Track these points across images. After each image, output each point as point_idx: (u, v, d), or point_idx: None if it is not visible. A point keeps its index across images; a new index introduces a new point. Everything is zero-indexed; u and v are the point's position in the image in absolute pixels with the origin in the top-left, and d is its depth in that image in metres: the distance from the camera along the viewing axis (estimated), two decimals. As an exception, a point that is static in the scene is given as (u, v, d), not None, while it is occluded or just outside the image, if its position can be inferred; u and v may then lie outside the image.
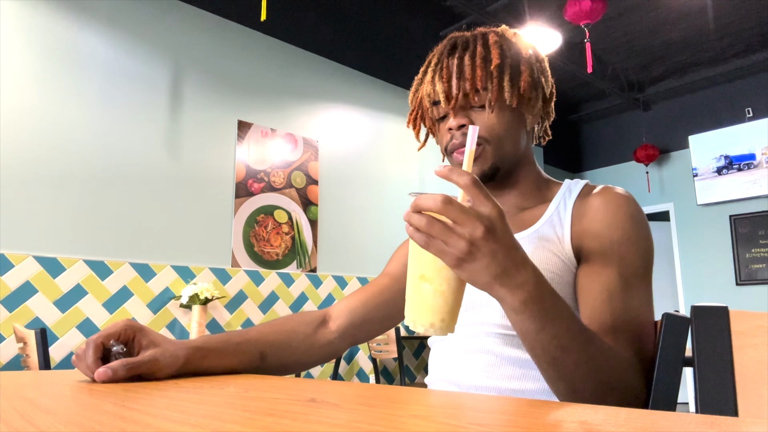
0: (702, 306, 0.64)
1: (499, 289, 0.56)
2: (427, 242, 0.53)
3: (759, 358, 0.60)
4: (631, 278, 0.72)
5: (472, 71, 0.80)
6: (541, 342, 0.59)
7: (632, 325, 0.69)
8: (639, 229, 0.75)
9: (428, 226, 0.53)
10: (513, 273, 0.56)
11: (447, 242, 0.53)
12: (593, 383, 0.61)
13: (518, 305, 0.57)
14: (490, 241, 0.53)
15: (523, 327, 0.59)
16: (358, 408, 0.41)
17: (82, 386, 0.58)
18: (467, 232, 0.52)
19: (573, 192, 0.83)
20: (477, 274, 0.54)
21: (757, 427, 0.30)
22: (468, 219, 0.52)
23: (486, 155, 0.81)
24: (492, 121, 0.80)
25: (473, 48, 0.82)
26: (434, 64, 0.84)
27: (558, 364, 0.60)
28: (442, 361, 0.82)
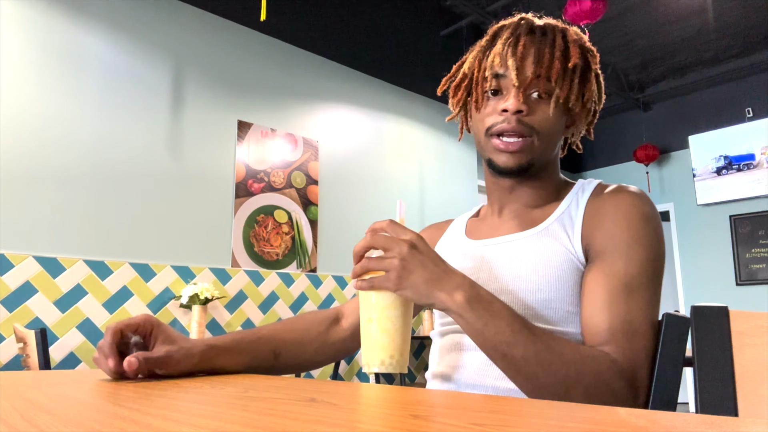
0: (702, 306, 0.64)
1: (439, 295, 0.64)
2: (371, 283, 0.65)
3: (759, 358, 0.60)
4: (636, 280, 0.70)
5: (551, 60, 0.77)
6: (488, 339, 0.64)
7: (629, 328, 0.68)
8: (650, 230, 0.73)
9: (367, 263, 0.65)
10: (446, 278, 0.65)
11: (384, 267, 0.64)
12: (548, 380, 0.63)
13: (461, 305, 0.64)
14: (417, 254, 0.64)
15: (471, 328, 0.65)
16: (358, 408, 0.41)
17: (82, 386, 0.58)
18: (396, 252, 0.64)
19: (586, 191, 0.82)
20: (416, 285, 0.64)
21: (757, 427, 0.30)
22: (393, 242, 0.65)
23: (532, 148, 0.79)
24: (550, 117, 0.78)
25: (552, 37, 0.80)
26: (506, 38, 0.80)
27: (508, 360, 0.64)
28: (440, 359, 0.82)
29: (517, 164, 0.79)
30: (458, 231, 0.94)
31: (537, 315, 0.74)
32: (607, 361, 0.66)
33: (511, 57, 0.78)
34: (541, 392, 0.64)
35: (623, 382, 0.65)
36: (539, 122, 0.78)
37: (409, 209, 4.46)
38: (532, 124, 0.78)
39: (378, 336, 0.65)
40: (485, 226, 0.90)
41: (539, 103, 0.78)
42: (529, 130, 0.78)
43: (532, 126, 0.78)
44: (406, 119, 4.58)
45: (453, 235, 0.95)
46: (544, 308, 0.74)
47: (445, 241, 0.95)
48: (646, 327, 0.69)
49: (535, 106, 0.78)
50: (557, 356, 0.64)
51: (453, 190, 4.77)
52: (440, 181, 4.70)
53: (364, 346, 0.67)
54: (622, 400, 0.65)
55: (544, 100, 0.78)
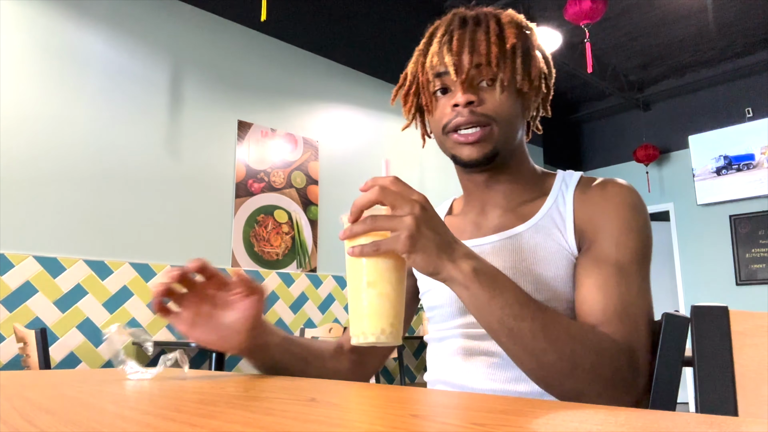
0: (702, 306, 0.64)
1: (447, 264, 0.59)
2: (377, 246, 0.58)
3: (759, 358, 0.60)
4: (628, 266, 0.71)
5: (487, 47, 0.77)
6: (494, 313, 0.61)
7: (625, 311, 0.68)
8: (639, 219, 0.74)
9: (373, 222, 0.58)
10: (456, 246, 0.61)
11: (393, 227, 0.57)
12: (554, 356, 0.61)
13: (468, 275, 0.60)
14: (429, 216, 0.59)
15: (476, 300, 0.61)
16: (358, 408, 0.41)
17: (82, 386, 0.58)
18: (408, 210, 0.57)
19: (570, 184, 0.81)
20: (428, 250, 0.58)
21: (757, 427, 0.30)
22: (404, 200, 0.58)
23: (492, 136, 0.78)
24: (502, 101, 0.77)
25: (486, 24, 0.79)
26: (441, 36, 0.80)
27: (514, 334, 0.61)
28: (442, 363, 0.81)
29: (482, 154, 0.78)
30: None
31: None
32: (609, 339, 0.65)
33: (447, 53, 0.77)
34: (546, 369, 0.62)
35: (624, 360, 0.65)
36: (493, 109, 0.77)
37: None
38: (486, 112, 0.77)
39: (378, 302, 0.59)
40: (468, 224, 0.88)
41: (488, 91, 0.78)
42: (485, 119, 0.77)
43: (487, 114, 0.77)
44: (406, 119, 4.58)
45: None
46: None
47: None
48: (641, 311, 0.69)
49: (484, 95, 0.77)
50: (564, 331, 0.62)
51: (453, 190, 4.76)
52: (440, 180, 4.70)
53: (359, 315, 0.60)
54: (624, 379, 0.64)
55: (492, 87, 0.78)
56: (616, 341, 0.66)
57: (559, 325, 0.63)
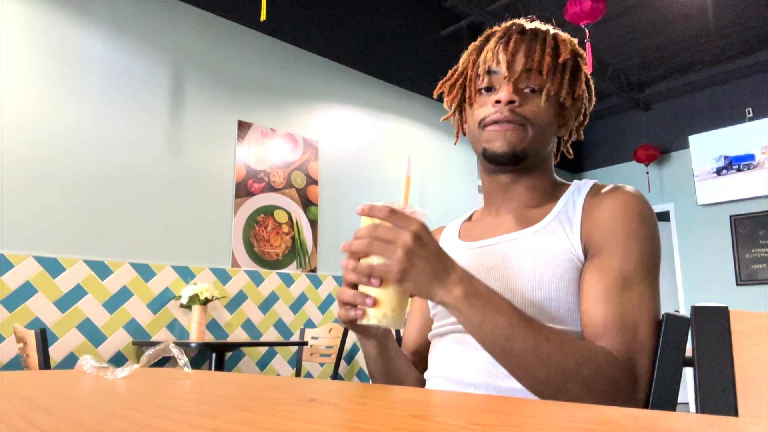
0: (702, 306, 0.64)
1: (439, 291, 0.64)
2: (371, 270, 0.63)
3: (759, 359, 0.60)
4: (633, 275, 0.71)
5: (541, 56, 0.80)
6: (486, 334, 0.64)
7: (625, 324, 0.68)
8: (646, 227, 0.75)
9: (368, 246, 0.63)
10: (448, 273, 0.64)
11: (387, 256, 0.63)
12: (546, 372, 0.64)
13: (460, 300, 0.64)
14: (421, 246, 0.63)
15: (469, 323, 0.65)
16: (358, 408, 0.41)
17: (82, 386, 0.58)
18: (400, 242, 0.62)
19: (582, 191, 0.82)
20: (418, 279, 0.63)
21: (757, 427, 0.30)
22: (397, 233, 0.63)
23: (525, 136, 0.80)
24: (542, 109, 0.81)
25: (543, 37, 0.83)
26: (499, 37, 0.84)
27: (507, 354, 0.64)
28: (442, 358, 0.82)
29: (512, 149, 0.80)
30: (452, 235, 0.95)
31: (537, 313, 0.75)
32: (604, 354, 0.66)
33: (503, 52, 0.81)
34: (540, 386, 0.65)
35: (621, 374, 0.66)
36: (532, 113, 0.80)
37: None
38: (525, 114, 0.80)
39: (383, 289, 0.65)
40: (481, 227, 0.91)
41: (531, 97, 0.81)
42: (522, 119, 0.80)
43: (525, 116, 0.80)
44: (406, 119, 4.58)
45: (447, 240, 0.96)
46: (544, 306, 0.75)
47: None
48: (642, 321, 0.69)
49: (527, 99, 0.81)
50: (556, 349, 0.64)
51: (453, 190, 4.77)
52: (440, 180, 4.70)
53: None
54: (622, 392, 0.65)
55: (536, 94, 0.81)
56: (613, 355, 0.67)
57: (550, 343, 0.65)
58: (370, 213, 0.64)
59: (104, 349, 2.81)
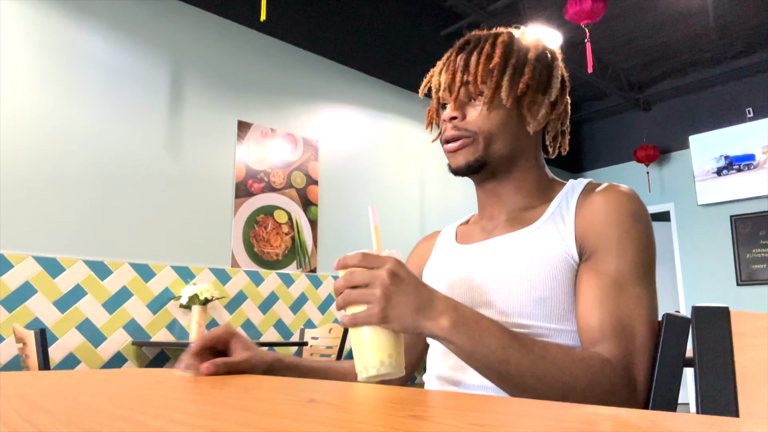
0: (702, 306, 0.64)
1: (426, 324, 0.63)
2: (354, 319, 0.62)
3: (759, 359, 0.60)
4: (628, 277, 0.71)
5: (475, 67, 0.82)
6: (480, 360, 0.64)
7: (621, 327, 0.69)
8: (639, 227, 0.74)
9: (347, 297, 0.63)
10: (430, 304, 0.63)
11: (366, 300, 0.62)
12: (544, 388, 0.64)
13: (448, 331, 0.63)
14: (398, 282, 0.62)
15: (461, 352, 0.64)
16: (358, 408, 0.41)
17: (82, 386, 0.58)
18: (377, 283, 0.62)
19: (576, 190, 0.82)
20: (401, 316, 0.62)
21: (757, 428, 0.30)
22: (371, 274, 0.62)
23: (475, 148, 0.83)
24: (483, 117, 0.82)
25: (482, 46, 0.85)
26: (446, 59, 0.89)
27: (504, 377, 0.64)
28: (441, 359, 0.82)
29: (464, 162, 0.83)
30: (448, 238, 0.96)
31: (532, 313, 0.74)
32: (600, 361, 0.66)
33: (445, 72, 0.86)
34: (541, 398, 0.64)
35: (618, 379, 0.66)
36: (474, 123, 0.82)
37: (409, 209, 4.46)
38: (467, 127, 0.83)
39: (373, 336, 0.63)
40: (477, 230, 0.91)
41: (476, 107, 0.83)
42: (467, 132, 0.83)
43: (468, 129, 0.83)
44: (406, 119, 4.58)
45: (443, 242, 0.96)
46: (539, 306, 0.74)
47: (437, 250, 0.97)
48: (639, 323, 0.69)
49: (470, 111, 0.83)
50: (551, 365, 0.64)
51: (453, 190, 4.77)
52: (440, 180, 4.70)
53: (358, 352, 0.64)
54: (620, 396, 0.65)
55: (478, 102, 0.83)
56: (610, 361, 0.67)
57: (545, 360, 0.65)
58: (345, 264, 0.64)
59: (104, 350, 2.81)
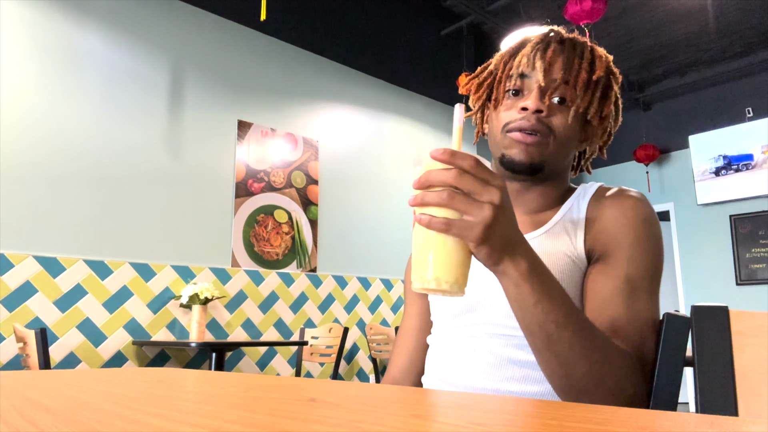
0: (702, 306, 0.64)
1: (506, 260, 0.58)
2: (450, 225, 0.53)
3: (759, 358, 0.60)
4: (638, 280, 0.71)
5: (578, 70, 0.79)
6: (537, 316, 0.60)
7: (632, 326, 0.69)
8: (650, 233, 0.75)
9: (449, 199, 0.53)
10: (519, 242, 0.59)
11: (471, 213, 0.53)
12: (585, 369, 0.61)
13: (522, 274, 0.58)
14: (506, 207, 0.56)
15: (522, 301, 0.60)
16: (358, 408, 0.41)
17: (82, 386, 0.58)
18: (487, 199, 0.54)
19: (587, 194, 0.82)
20: (495, 245, 0.56)
21: (757, 427, 0.30)
22: (485, 187, 0.54)
23: (547, 147, 0.79)
24: (568, 123, 0.79)
25: (581, 50, 0.81)
26: (537, 43, 0.82)
27: (552, 341, 0.60)
28: (441, 362, 0.82)
29: (530, 159, 0.78)
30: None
31: None
32: (630, 357, 0.66)
33: (540, 59, 0.79)
34: (573, 381, 0.62)
35: (640, 376, 0.66)
36: (557, 125, 0.78)
37: (409, 209, 4.46)
38: (550, 125, 0.78)
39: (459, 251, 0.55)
40: None
41: (559, 108, 0.79)
42: (547, 129, 0.78)
43: (550, 127, 0.78)
44: (406, 119, 4.58)
45: None
46: None
47: None
48: (647, 327, 0.70)
49: (555, 110, 0.79)
50: (599, 345, 0.63)
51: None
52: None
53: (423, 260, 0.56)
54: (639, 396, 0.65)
55: (564, 106, 0.79)
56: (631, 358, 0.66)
57: (596, 341, 0.62)
58: (452, 160, 0.54)
59: (104, 349, 2.81)
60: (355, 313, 3.96)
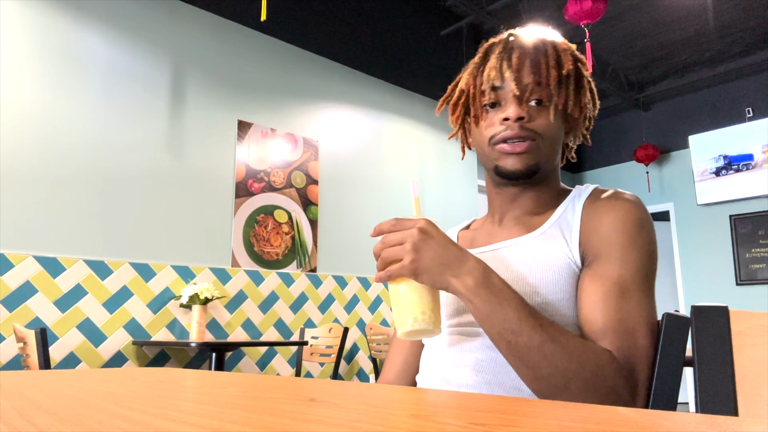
0: (702, 306, 0.64)
1: (452, 280, 0.66)
2: (388, 273, 0.68)
3: (759, 358, 0.60)
4: (630, 283, 0.72)
5: (547, 70, 0.79)
6: (494, 326, 0.66)
7: (623, 328, 0.69)
8: (644, 235, 0.75)
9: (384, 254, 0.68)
10: (458, 262, 0.67)
11: (398, 256, 0.67)
12: (549, 370, 0.64)
13: (471, 289, 0.66)
14: (427, 237, 0.67)
15: (478, 313, 0.67)
16: (358, 408, 0.41)
17: (82, 386, 0.58)
18: (407, 239, 0.67)
19: (582, 195, 0.83)
20: (430, 268, 0.66)
21: (757, 427, 0.30)
22: (403, 233, 0.68)
23: (537, 152, 0.80)
24: (551, 123, 0.80)
25: (544, 48, 0.82)
26: (499, 52, 0.82)
27: (512, 347, 0.65)
28: (435, 359, 0.82)
29: (525, 166, 0.80)
30: None
31: None
32: (607, 356, 0.66)
33: (508, 69, 0.80)
34: (541, 382, 0.65)
35: (622, 379, 0.66)
36: (541, 127, 0.80)
37: (409, 209, 4.45)
38: (535, 128, 0.79)
39: (407, 294, 0.67)
40: (481, 234, 0.91)
41: (539, 110, 0.80)
42: (533, 134, 0.79)
43: (535, 131, 0.80)
44: (406, 119, 4.58)
45: None
46: (541, 310, 0.75)
47: None
48: (640, 327, 0.70)
49: (535, 113, 0.80)
50: (560, 348, 0.65)
51: (453, 190, 4.77)
52: (440, 180, 4.70)
53: (396, 309, 0.69)
54: (621, 396, 0.65)
55: (544, 107, 0.80)
56: (616, 360, 0.67)
57: (555, 342, 0.65)
58: (380, 230, 0.69)
59: (104, 349, 2.81)
60: (355, 313, 3.96)
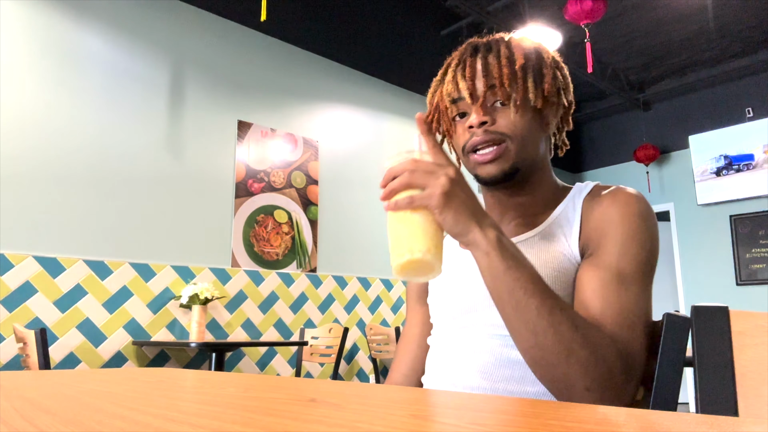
0: (702, 306, 0.64)
1: (474, 229, 0.64)
2: (411, 199, 0.62)
3: (759, 358, 0.60)
4: (630, 274, 0.71)
5: (498, 69, 0.80)
6: (507, 283, 0.64)
7: (623, 319, 0.69)
8: (645, 228, 0.74)
9: (410, 177, 0.63)
10: (484, 215, 0.66)
11: (429, 184, 0.62)
12: (554, 338, 0.63)
13: (492, 242, 0.64)
14: (462, 181, 0.64)
15: (493, 268, 0.65)
16: (358, 408, 0.41)
17: (82, 386, 0.58)
18: (443, 172, 0.63)
19: (583, 192, 0.82)
20: (459, 211, 0.63)
21: (757, 427, 0.30)
22: (439, 166, 0.64)
23: (508, 154, 0.80)
24: (516, 120, 0.80)
25: (497, 49, 0.82)
26: (455, 65, 0.84)
27: (521, 308, 0.64)
28: (441, 362, 0.82)
29: (500, 171, 0.80)
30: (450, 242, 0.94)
31: None
32: (609, 339, 0.66)
33: (462, 79, 0.81)
34: (542, 350, 0.63)
35: (620, 363, 0.65)
36: (506, 127, 0.79)
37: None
38: (500, 130, 0.79)
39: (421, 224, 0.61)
40: None
41: (502, 111, 0.80)
42: (500, 136, 0.79)
43: (500, 132, 0.79)
44: (406, 119, 4.58)
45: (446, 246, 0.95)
46: None
47: None
48: (638, 318, 0.70)
49: (498, 115, 0.80)
50: (569, 318, 0.64)
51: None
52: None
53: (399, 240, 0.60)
54: (615, 380, 0.64)
55: (506, 106, 0.80)
56: (616, 344, 0.66)
57: (564, 312, 0.64)
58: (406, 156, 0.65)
59: (104, 349, 2.81)
60: (355, 313, 3.96)
